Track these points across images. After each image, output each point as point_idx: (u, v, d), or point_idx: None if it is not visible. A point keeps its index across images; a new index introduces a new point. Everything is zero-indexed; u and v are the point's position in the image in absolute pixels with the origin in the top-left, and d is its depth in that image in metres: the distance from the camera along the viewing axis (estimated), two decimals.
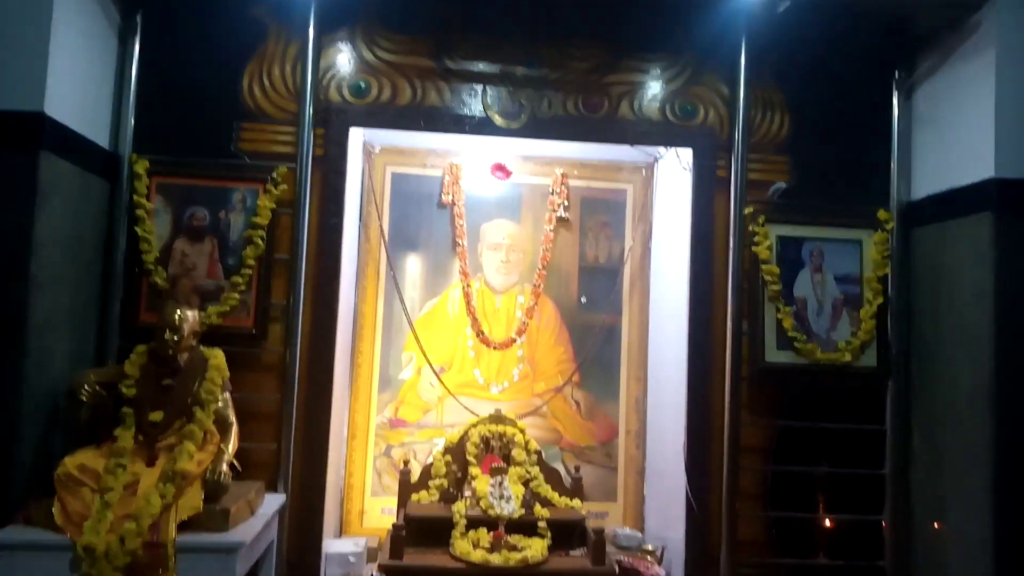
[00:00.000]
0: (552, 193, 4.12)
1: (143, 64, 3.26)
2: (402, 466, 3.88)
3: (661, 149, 3.97)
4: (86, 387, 2.71)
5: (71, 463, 2.57)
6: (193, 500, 2.56)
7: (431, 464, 3.86)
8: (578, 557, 3.55)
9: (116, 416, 2.77)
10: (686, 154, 3.70)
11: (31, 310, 2.65)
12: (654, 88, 3.62)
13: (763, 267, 3.44)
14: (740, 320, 3.46)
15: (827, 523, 3.45)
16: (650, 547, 3.69)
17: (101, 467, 2.59)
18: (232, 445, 2.84)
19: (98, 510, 2.47)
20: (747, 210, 3.48)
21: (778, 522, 3.44)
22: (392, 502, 3.86)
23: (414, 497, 3.76)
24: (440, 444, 3.93)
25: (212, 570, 2.46)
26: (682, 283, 3.73)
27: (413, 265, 4.09)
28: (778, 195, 3.58)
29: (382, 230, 4.02)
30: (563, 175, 4.12)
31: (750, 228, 3.47)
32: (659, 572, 3.48)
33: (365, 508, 3.92)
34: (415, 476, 3.84)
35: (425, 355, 4.01)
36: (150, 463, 2.67)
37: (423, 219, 4.09)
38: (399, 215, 4.08)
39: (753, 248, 3.46)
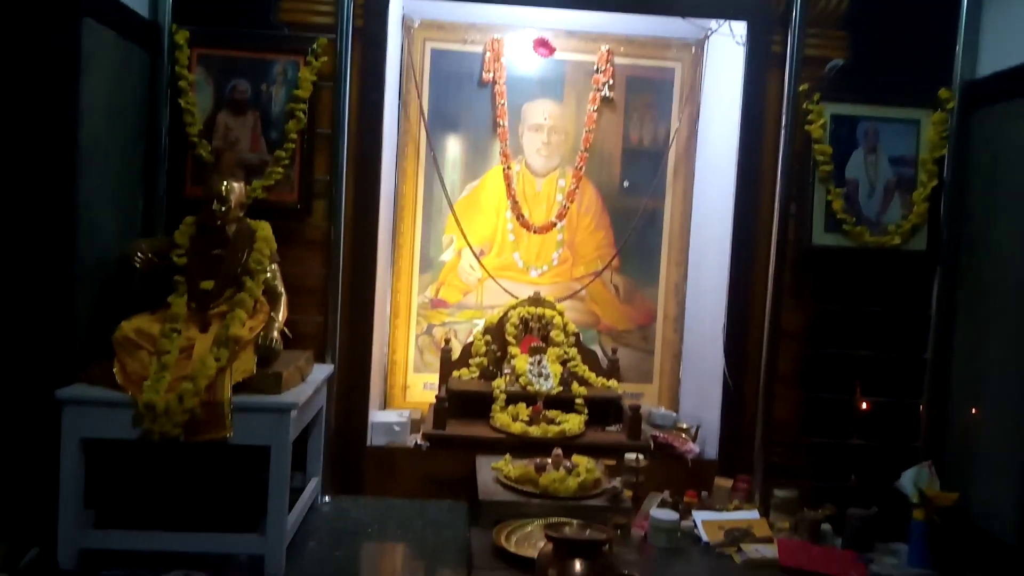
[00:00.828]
0: (597, 71, 4.01)
1: None
2: (443, 344, 3.99)
3: (713, 24, 3.82)
4: (139, 254, 2.79)
5: (128, 327, 2.67)
6: (247, 364, 2.66)
7: (471, 343, 3.97)
8: (614, 432, 3.68)
9: (168, 284, 2.85)
10: (739, 28, 3.55)
11: (80, 180, 2.69)
12: None
13: (815, 147, 3.35)
14: (788, 202, 3.40)
15: (863, 406, 3.49)
16: (684, 425, 3.79)
17: (157, 331, 2.70)
18: (282, 314, 2.92)
19: (156, 371, 2.59)
20: (802, 87, 3.36)
21: (813, 403, 3.49)
22: (433, 378, 4.00)
23: (455, 374, 3.89)
24: (480, 324, 4.02)
25: (266, 429, 2.59)
26: (729, 166, 3.66)
27: (453, 145, 4.06)
28: (835, 72, 3.44)
29: (422, 109, 3.97)
30: (608, 52, 4.00)
31: (804, 106, 3.36)
32: (693, 448, 3.58)
33: (408, 383, 4.06)
34: (456, 354, 3.96)
35: (465, 237, 4.03)
36: (203, 329, 2.77)
37: (463, 98, 4.03)
38: (439, 94, 4.02)
39: (806, 127, 3.36)
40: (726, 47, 3.76)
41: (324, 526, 3.06)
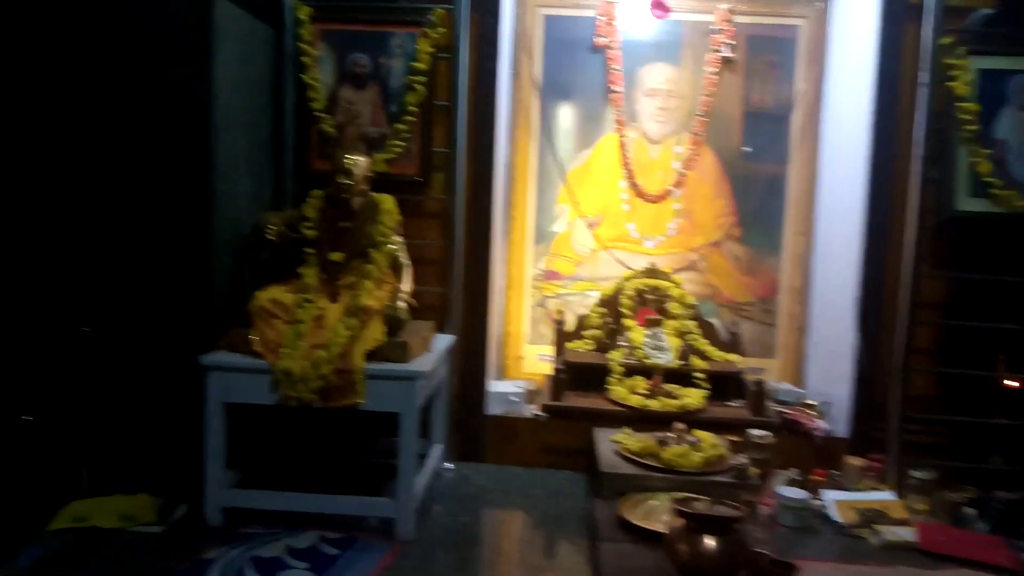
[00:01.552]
0: (716, 32, 3.88)
1: None
2: (557, 316, 4.00)
3: None
4: (271, 226, 2.91)
5: (264, 297, 2.80)
6: (376, 333, 2.75)
7: (586, 315, 3.96)
8: (736, 408, 3.60)
9: (297, 255, 2.96)
10: None
11: (215, 153, 2.82)
12: None
13: (959, 105, 3.14)
14: (928, 165, 3.21)
15: (1008, 383, 3.28)
16: (811, 401, 3.67)
17: (290, 301, 2.82)
18: (407, 285, 3.00)
19: (291, 339, 2.71)
20: (944, 40, 3.14)
21: (953, 379, 3.31)
22: (547, 349, 4.00)
23: (569, 346, 3.89)
24: (594, 296, 4.01)
25: (395, 395, 2.67)
26: (860, 128, 3.49)
27: (566, 114, 4.03)
28: (981, 22, 3.21)
29: (534, 77, 3.95)
30: (728, 11, 3.86)
31: (946, 61, 3.14)
32: (821, 425, 3.47)
33: (522, 354, 4.09)
34: (570, 326, 3.96)
35: (578, 208, 4.01)
36: (333, 299, 2.87)
37: (576, 64, 3.98)
38: (551, 61, 3.98)
39: (949, 84, 3.15)
40: (856, 1, 3.56)
41: (449, 491, 3.15)
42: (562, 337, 3.93)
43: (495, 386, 3.67)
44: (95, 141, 2.81)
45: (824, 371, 3.85)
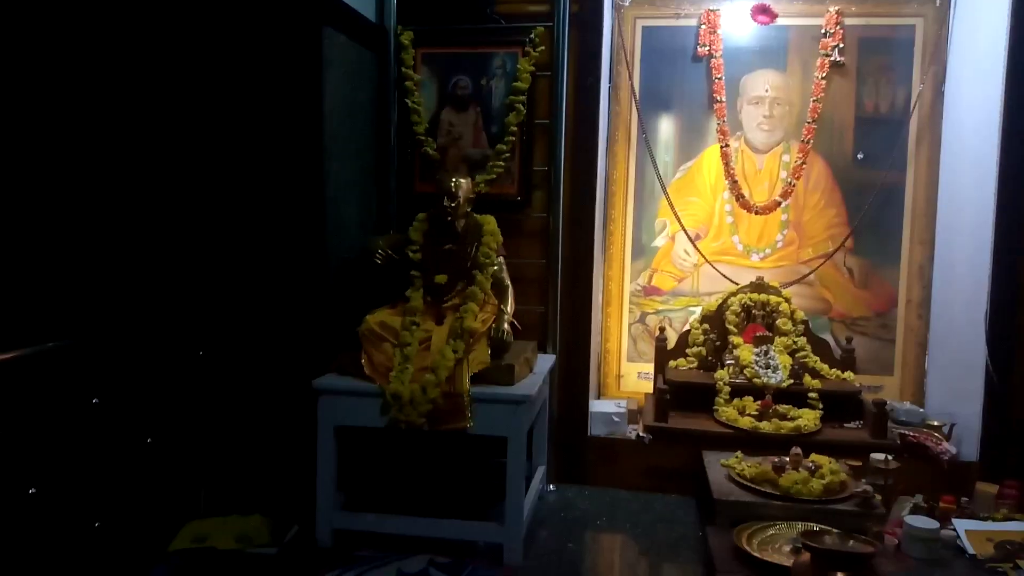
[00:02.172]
0: (825, 35, 3.73)
1: None
2: (658, 333, 3.92)
3: None
4: (380, 252, 2.96)
5: (372, 320, 2.85)
6: (481, 355, 2.76)
7: (688, 332, 3.87)
8: (854, 429, 3.44)
9: (404, 279, 3.00)
10: None
11: (327, 178, 2.89)
12: None
13: None
14: None
15: None
16: (935, 422, 3.46)
17: (398, 324, 2.86)
18: (510, 306, 3.00)
19: (399, 362, 2.74)
20: None
21: None
22: (648, 367, 3.94)
23: (671, 364, 3.81)
24: (697, 312, 3.91)
25: (502, 419, 2.67)
26: (986, 132, 3.29)
27: (666, 126, 3.95)
28: None
29: (633, 89, 3.89)
30: (838, 13, 3.70)
31: None
32: (949, 448, 3.26)
33: (621, 372, 4.03)
34: (671, 343, 3.87)
35: (680, 221, 3.92)
36: (438, 321, 2.90)
37: (676, 75, 3.90)
38: (650, 72, 3.91)
39: None
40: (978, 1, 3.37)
41: (553, 516, 3.12)
42: (663, 355, 3.85)
43: (596, 406, 3.63)
44: (210, 169, 2.93)
45: (947, 389, 3.64)
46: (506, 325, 2.88)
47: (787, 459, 3.00)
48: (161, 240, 2.96)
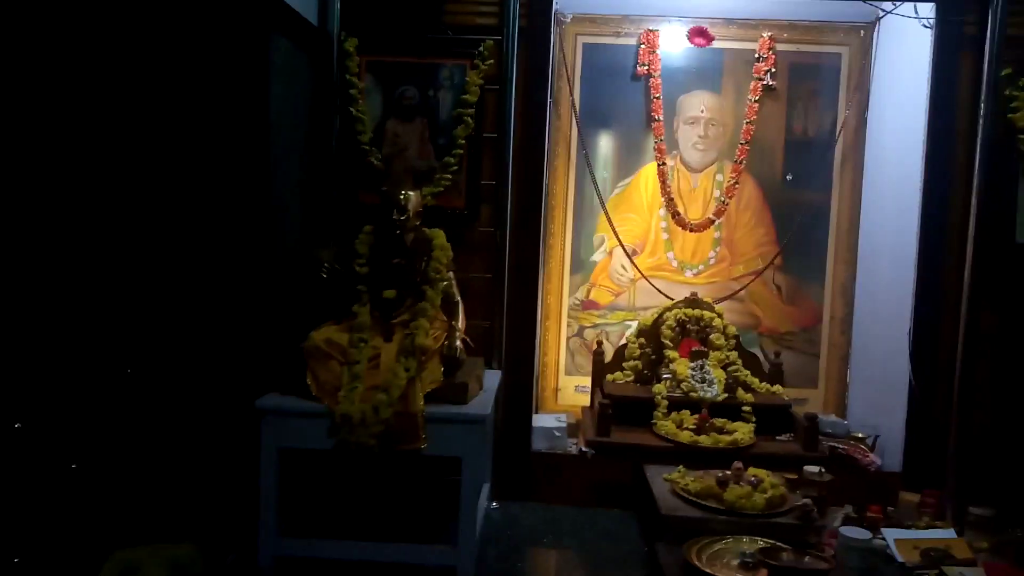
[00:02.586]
0: (758, 59, 3.86)
1: None
2: (595, 347, 3.95)
3: (886, 5, 3.62)
4: (326, 264, 2.86)
5: (318, 337, 2.75)
6: (434, 374, 2.70)
7: (624, 346, 3.91)
8: (785, 442, 3.55)
9: (350, 293, 2.91)
10: (923, 9, 3.35)
11: (273, 186, 2.78)
12: None
13: (1021, 136, 3.13)
14: (987, 196, 3.19)
15: None
16: (859, 434, 3.63)
17: (345, 341, 2.76)
18: (461, 322, 2.95)
19: (348, 381, 2.65)
20: (1004, 71, 3.14)
21: (1013, 413, 3.28)
22: (585, 381, 3.97)
23: (608, 377, 3.84)
24: (633, 326, 3.96)
25: (458, 439, 2.62)
26: (907, 157, 3.49)
27: (606, 143, 4.00)
28: None
29: (574, 105, 3.92)
30: (770, 39, 3.85)
31: (1007, 92, 3.14)
32: (875, 460, 3.43)
33: (559, 386, 4.04)
34: (608, 357, 3.91)
35: (617, 237, 3.97)
36: (387, 338, 2.82)
37: (615, 93, 3.95)
38: (590, 89, 3.95)
39: (1010, 115, 3.14)
40: (902, 29, 3.57)
41: (499, 534, 3.09)
42: (601, 368, 3.88)
43: (537, 420, 3.62)
44: (144, 171, 2.75)
45: (868, 402, 3.83)
46: (458, 342, 2.83)
47: (729, 473, 3.06)
48: (85, 247, 2.77)
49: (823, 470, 3.17)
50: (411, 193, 2.94)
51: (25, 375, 2.36)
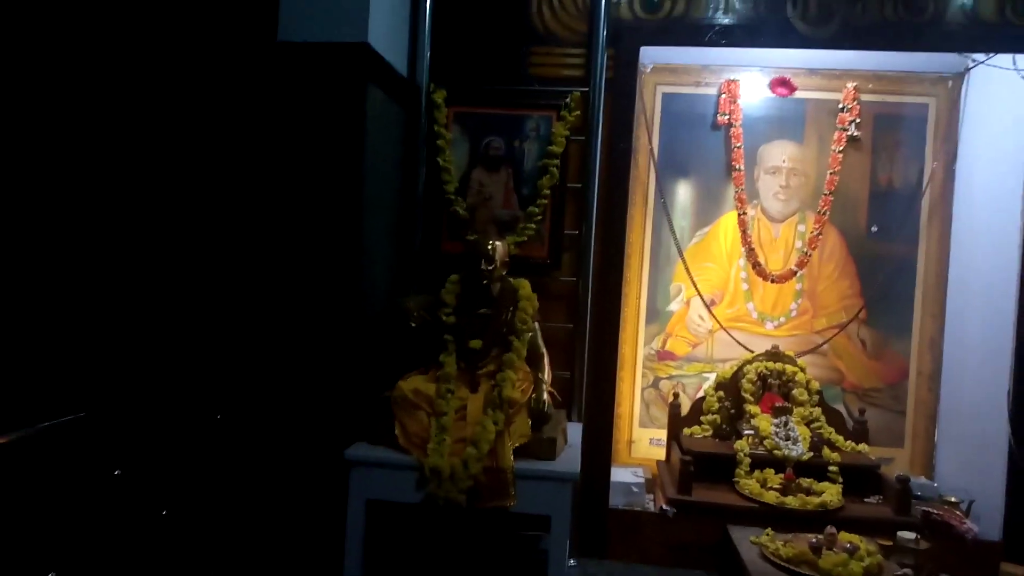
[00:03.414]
0: (842, 109, 3.82)
1: None
2: (671, 399, 3.88)
3: (975, 56, 3.56)
4: (415, 313, 2.87)
5: (405, 387, 2.74)
6: (522, 427, 2.67)
7: (702, 399, 3.84)
8: (874, 504, 3.43)
9: (437, 342, 2.90)
10: (1021, 60, 3.29)
11: (364, 235, 2.80)
12: None
13: None
14: None
15: None
16: (952, 498, 3.48)
17: (431, 391, 2.75)
18: (547, 374, 2.92)
19: (436, 433, 2.63)
20: None
21: None
22: (660, 433, 3.90)
23: (685, 431, 3.77)
24: (711, 379, 3.89)
25: (546, 496, 2.57)
26: (1001, 209, 3.40)
27: (684, 191, 3.98)
28: None
29: (652, 154, 3.91)
30: (855, 89, 3.80)
31: None
32: (972, 527, 3.27)
33: (633, 438, 3.97)
34: (684, 410, 3.84)
35: (695, 286, 3.93)
36: (473, 389, 2.81)
37: (695, 142, 3.94)
38: (669, 138, 3.95)
39: None
40: (994, 79, 3.50)
41: None
42: (677, 421, 3.81)
43: (614, 475, 3.54)
44: (235, 222, 2.81)
45: (959, 462, 3.68)
46: (545, 395, 2.79)
47: (822, 538, 2.95)
48: (182, 296, 2.83)
49: (919, 537, 3.04)
50: (498, 243, 2.94)
51: (122, 422, 2.40)
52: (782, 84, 3.84)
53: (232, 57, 2.78)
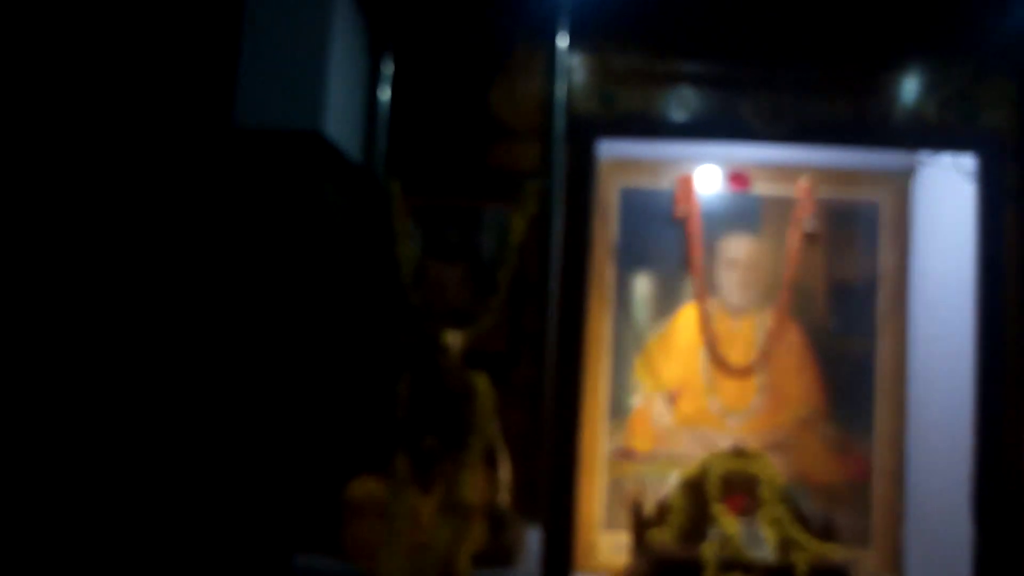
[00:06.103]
0: (797, 205, 3.96)
1: (394, 82, 3.38)
2: (634, 500, 3.82)
3: (923, 155, 3.76)
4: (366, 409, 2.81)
5: (359, 489, 2.66)
6: (479, 533, 2.59)
7: (666, 499, 3.79)
8: None
9: (387, 441, 2.84)
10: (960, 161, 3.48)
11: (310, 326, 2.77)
12: (930, 88, 3.43)
13: None
14: None
15: None
16: None
17: (381, 493, 2.67)
18: (506, 475, 2.86)
19: (388, 539, 2.54)
20: None
21: None
22: (623, 537, 3.81)
23: (649, 533, 3.70)
24: (674, 478, 3.85)
25: None
26: (958, 308, 3.50)
27: (642, 285, 4.04)
28: None
29: (611, 248, 3.99)
30: (809, 184, 3.96)
31: None
32: None
33: (595, 542, 3.88)
34: (648, 509, 3.78)
35: (655, 381, 3.94)
36: (425, 490, 2.73)
37: (652, 235, 4.03)
38: (626, 232, 4.03)
39: None
40: (941, 177, 3.69)
41: None
42: (640, 522, 3.74)
43: None
44: (189, 315, 2.76)
45: (928, 562, 3.68)
46: (504, 497, 2.73)
47: None
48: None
49: None
50: (456, 335, 2.93)
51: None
52: (737, 179, 3.99)
53: (186, 143, 2.79)
